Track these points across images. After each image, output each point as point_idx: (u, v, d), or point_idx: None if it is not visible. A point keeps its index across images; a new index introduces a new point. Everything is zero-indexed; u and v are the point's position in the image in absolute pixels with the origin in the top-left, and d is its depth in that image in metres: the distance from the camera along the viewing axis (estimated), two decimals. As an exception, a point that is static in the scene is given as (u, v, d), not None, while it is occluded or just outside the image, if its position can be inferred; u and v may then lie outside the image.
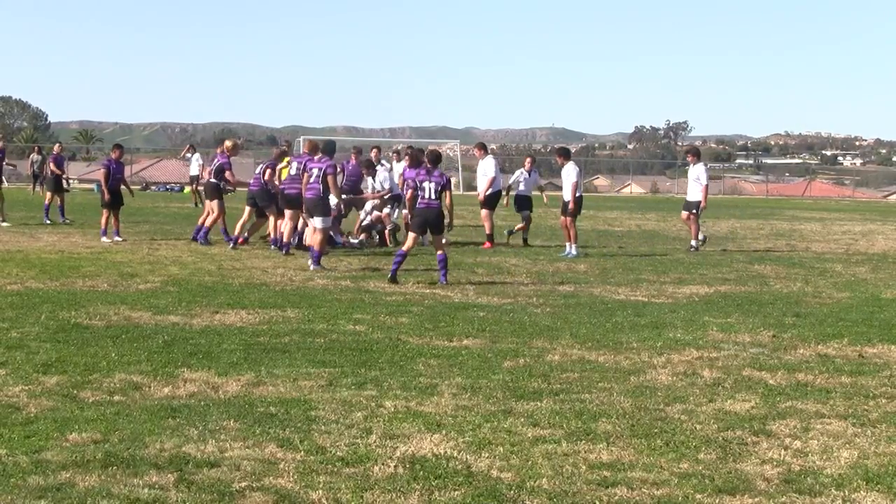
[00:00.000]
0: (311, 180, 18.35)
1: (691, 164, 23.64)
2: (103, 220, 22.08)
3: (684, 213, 23.27)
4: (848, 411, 8.29)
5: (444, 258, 16.12)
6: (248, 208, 21.66)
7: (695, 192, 22.88)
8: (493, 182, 23.26)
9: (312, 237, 18.42)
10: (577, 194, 21.35)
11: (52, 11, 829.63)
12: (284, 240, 20.02)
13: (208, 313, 12.39)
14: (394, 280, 15.67)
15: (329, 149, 19.04)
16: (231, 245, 20.48)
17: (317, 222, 18.11)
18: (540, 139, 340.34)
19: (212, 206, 21.94)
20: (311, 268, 17.28)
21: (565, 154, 22.53)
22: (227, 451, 6.75)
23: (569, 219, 21.13)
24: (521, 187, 24.21)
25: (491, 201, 23.41)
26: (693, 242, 23.00)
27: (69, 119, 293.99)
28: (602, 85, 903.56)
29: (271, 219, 21.16)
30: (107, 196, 22.02)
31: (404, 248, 16.29)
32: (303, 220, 20.18)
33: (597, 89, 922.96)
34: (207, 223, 21.85)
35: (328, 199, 18.48)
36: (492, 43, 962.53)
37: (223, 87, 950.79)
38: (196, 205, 37.26)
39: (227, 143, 23.19)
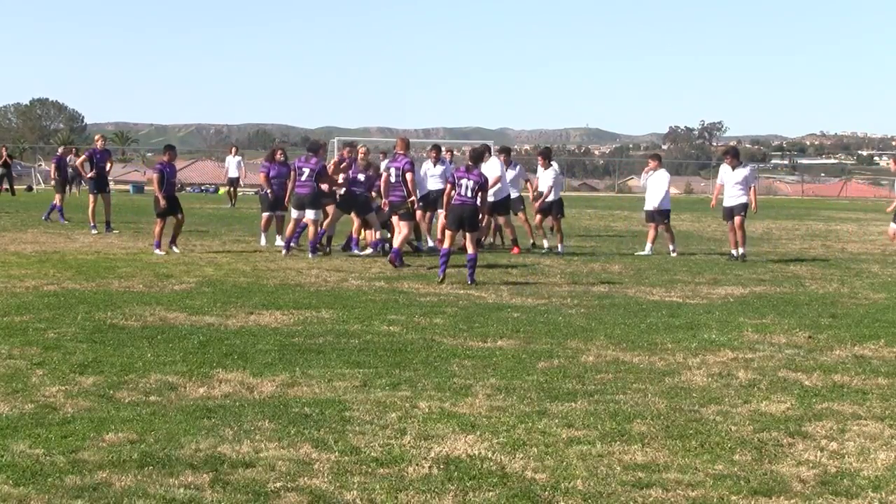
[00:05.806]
0: (394, 181, 18.96)
1: (731, 167, 21.25)
2: (157, 230, 19.77)
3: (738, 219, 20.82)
4: (885, 413, 8.23)
5: (475, 258, 16.11)
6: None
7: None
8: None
9: (397, 237, 18.60)
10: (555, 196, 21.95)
11: (87, 13, 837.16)
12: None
13: (243, 314, 12.45)
14: (443, 281, 15.84)
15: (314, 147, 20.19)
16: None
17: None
18: (574, 140, 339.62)
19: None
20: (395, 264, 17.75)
21: (546, 155, 22.95)
22: (262, 451, 6.78)
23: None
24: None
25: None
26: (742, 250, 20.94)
27: (105, 121, 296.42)
28: (636, 85, 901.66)
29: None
30: (162, 203, 19.55)
31: (445, 246, 16.37)
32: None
33: (631, 89, 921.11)
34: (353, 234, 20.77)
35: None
36: (526, 44, 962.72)
37: (258, 88, 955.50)
38: (233, 204, 37.74)
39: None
